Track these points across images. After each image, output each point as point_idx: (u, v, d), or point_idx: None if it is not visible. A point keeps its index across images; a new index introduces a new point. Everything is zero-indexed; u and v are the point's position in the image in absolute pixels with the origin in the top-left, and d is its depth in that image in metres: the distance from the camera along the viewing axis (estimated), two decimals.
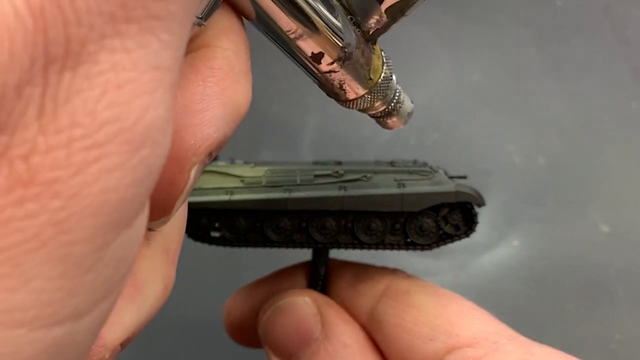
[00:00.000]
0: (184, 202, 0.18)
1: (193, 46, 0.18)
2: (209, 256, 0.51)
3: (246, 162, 0.32)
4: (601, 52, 0.62)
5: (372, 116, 0.24)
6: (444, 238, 0.30)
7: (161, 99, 0.13)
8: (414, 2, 0.20)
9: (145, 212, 0.14)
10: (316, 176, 0.29)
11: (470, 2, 0.65)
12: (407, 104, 0.25)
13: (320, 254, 0.32)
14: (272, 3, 0.18)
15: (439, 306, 0.28)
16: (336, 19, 0.19)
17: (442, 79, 0.62)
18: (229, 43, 0.18)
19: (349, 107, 0.23)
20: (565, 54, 0.62)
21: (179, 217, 0.21)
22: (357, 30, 0.20)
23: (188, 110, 0.17)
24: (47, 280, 0.12)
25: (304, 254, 0.34)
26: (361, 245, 0.30)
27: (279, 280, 0.34)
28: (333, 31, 0.19)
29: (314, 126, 0.59)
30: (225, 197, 0.29)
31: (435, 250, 0.31)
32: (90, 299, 0.13)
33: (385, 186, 0.29)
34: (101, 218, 0.12)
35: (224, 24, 0.18)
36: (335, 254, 0.33)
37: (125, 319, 0.19)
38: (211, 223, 0.30)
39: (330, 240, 0.30)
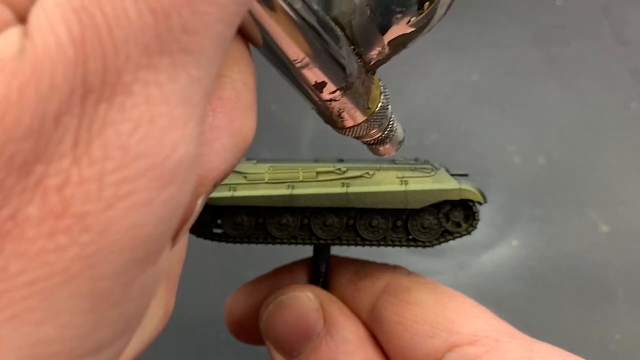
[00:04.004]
0: (187, 230, 0.18)
1: None
2: (210, 253, 0.51)
3: (248, 159, 0.32)
4: (600, 52, 0.62)
5: (365, 143, 0.25)
6: (445, 235, 0.31)
7: (191, 135, 0.13)
8: (416, 36, 0.20)
9: (169, 248, 0.14)
10: (318, 173, 0.29)
11: (470, 2, 0.65)
12: (400, 132, 0.25)
13: (321, 251, 0.32)
14: (281, 32, 0.18)
15: (439, 304, 0.28)
16: (340, 49, 0.19)
17: (441, 79, 0.62)
18: (238, 73, 0.18)
19: (345, 134, 0.23)
20: (565, 54, 0.62)
21: (180, 245, 0.21)
22: (359, 60, 0.21)
23: None
24: (74, 315, 0.12)
25: (305, 251, 0.34)
26: (363, 242, 0.30)
27: (280, 277, 0.34)
28: (337, 61, 0.19)
29: (313, 126, 0.59)
30: (227, 193, 0.29)
31: (436, 250, 0.31)
32: (113, 333, 0.13)
33: (388, 183, 0.29)
34: (129, 254, 0.12)
35: (234, 53, 0.18)
36: (336, 250, 0.33)
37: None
38: (213, 219, 0.30)
39: (333, 237, 0.30)
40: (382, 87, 0.23)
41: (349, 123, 0.22)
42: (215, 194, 0.29)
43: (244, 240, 0.31)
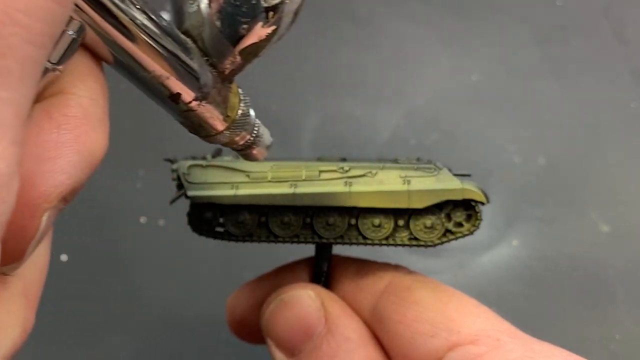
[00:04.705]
0: (36, 246, 0.18)
1: (48, 92, 0.18)
2: (210, 253, 0.51)
3: None
4: (601, 52, 0.62)
5: (235, 149, 0.25)
6: (447, 235, 0.30)
7: (3, 155, 0.13)
8: (265, 45, 0.21)
9: None
10: (321, 172, 0.29)
11: (470, 2, 0.65)
12: (267, 137, 0.26)
13: (323, 250, 0.32)
14: (130, 47, 0.18)
15: (440, 303, 0.28)
16: (192, 60, 0.20)
17: (441, 79, 0.62)
18: (85, 90, 0.18)
19: (211, 142, 0.24)
20: (565, 54, 0.62)
21: (39, 261, 0.20)
22: (213, 70, 0.21)
23: (41, 157, 0.16)
24: None
25: (307, 250, 0.34)
26: (366, 241, 0.30)
27: (281, 276, 0.34)
28: (190, 73, 0.20)
29: (314, 126, 0.59)
30: (230, 192, 0.29)
31: (436, 249, 0.31)
32: None
33: (390, 182, 0.29)
34: None
35: (81, 69, 0.18)
36: (338, 250, 0.33)
37: None
38: (216, 218, 0.30)
39: (335, 236, 0.30)
40: (241, 95, 0.23)
41: (211, 131, 0.23)
42: (218, 192, 0.29)
43: (246, 238, 0.31)
